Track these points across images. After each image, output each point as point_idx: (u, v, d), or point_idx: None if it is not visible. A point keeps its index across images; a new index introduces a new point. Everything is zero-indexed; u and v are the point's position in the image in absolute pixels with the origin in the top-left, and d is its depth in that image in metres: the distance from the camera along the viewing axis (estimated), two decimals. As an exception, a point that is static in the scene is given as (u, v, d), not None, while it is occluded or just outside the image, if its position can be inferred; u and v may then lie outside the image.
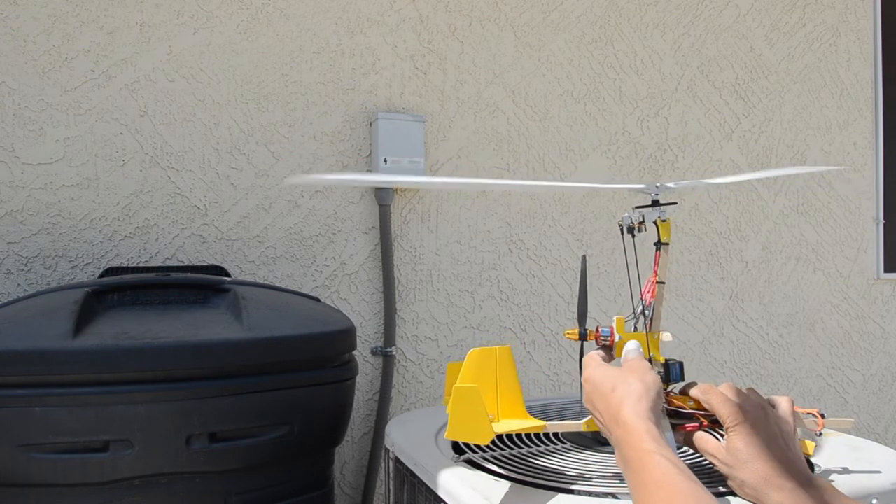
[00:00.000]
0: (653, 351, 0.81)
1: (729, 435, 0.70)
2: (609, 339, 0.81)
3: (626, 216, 0.84)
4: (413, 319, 1.77)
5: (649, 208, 0.82)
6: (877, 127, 2.45)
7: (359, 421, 1.71)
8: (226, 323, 1.09)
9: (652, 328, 0.81)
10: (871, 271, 2.44)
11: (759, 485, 0.66)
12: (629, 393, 0.68)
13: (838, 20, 2.40)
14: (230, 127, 1.60)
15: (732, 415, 0.70)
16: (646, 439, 0.62)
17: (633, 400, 0.67)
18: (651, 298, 0.81)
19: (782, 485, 0.65)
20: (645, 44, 2.08)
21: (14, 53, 1.43)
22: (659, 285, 0.82)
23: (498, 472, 0.79)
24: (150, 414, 0.96)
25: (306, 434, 1.09)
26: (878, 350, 2.45)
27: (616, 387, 0.70)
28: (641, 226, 0.83)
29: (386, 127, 1.66)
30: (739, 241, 2.22)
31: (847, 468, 0.81)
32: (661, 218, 0.82)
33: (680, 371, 0.81)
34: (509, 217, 1.88)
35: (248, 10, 1.61)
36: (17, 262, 1.42)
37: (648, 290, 0.82)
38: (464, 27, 1.84)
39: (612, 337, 0.81)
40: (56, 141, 1.46)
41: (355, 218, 1.71)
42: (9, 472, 0.94)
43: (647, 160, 2.07)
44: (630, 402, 0.67)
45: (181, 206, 1.55)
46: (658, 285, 0.82)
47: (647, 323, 0.81)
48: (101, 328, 1.02)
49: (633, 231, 0.83)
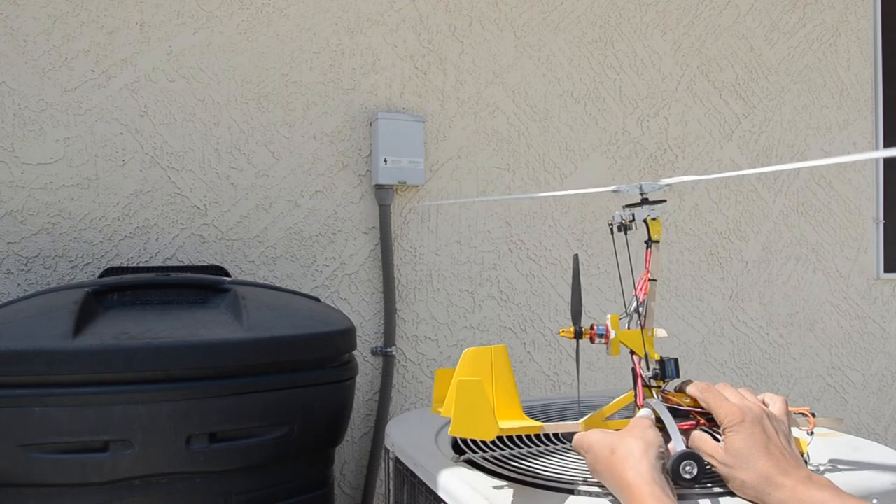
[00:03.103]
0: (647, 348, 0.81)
1: (727, 435, 0.69)
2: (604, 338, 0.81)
3: (616, 215, 0.84)
4: (413, 319, 1.77)
5: (639, 207, 0.83)
6: (877, 127, 2.45)
7: (359, 421, 1.71)
8: (226, 323, 1.09)
9: (646, 325, 0.82)
10: (871, 271, 2.44)
11: (760, 484, 0.66)
12: (629, 454, 0.66)
13: (838, 20, 2.40)
14: (230, 127, 1.60)
15: (731, 415, 0.70)
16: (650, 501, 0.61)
17: (634, 461, 0.65)
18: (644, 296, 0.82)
19: (783, 483, 0.65)
20: (645, 44, 2.08)
21: (14, 53, 1.43)
22: (651, 283, 0.82)
23: (498, 472, 0.79)
24: (150, 414, 0.96)
25: (306, 434, 1.09)
26: (878, 350, 2.45)
27: (615, 449, 0.68)
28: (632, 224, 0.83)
29: (386, 127, 1.66)
30: (739, 241, 2.22)
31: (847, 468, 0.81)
32: (650, 216, 0.82)
33: (675, 367, 0.81)
34: (509, 217, 1.88)
35: (248, 10, 1.61)
36: (17, 262, 1.42)
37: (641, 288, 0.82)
38: (464, 27, 1.84)
39: (607, 334, 0.81)
40: (56, 141, 1.46)
41: (355, 218, 1.71)
42: (9, 472, 0.94)
43: (647, 160, 2.07)
44: (631, 464, 0.65)
45: (181, 206, 1.55)
46: (650, 283, 0.82)
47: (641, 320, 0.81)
48: (101, 328, 1.02)
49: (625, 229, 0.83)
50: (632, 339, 0.81)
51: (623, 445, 0.68)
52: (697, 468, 0.68)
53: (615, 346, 0.81)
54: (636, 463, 0.65)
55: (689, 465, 0.68)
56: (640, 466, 0.65)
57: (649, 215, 0.82)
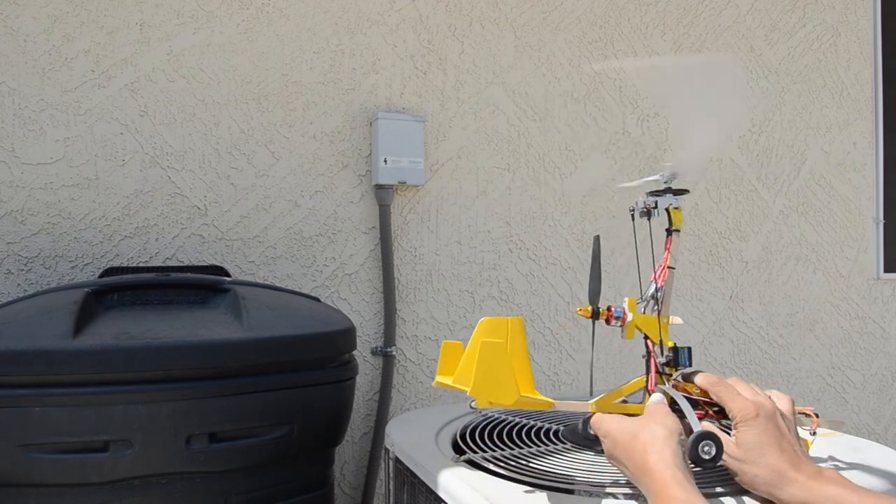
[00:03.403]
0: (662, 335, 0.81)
1: (741, 429, 0.69)
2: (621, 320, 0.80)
3: (639, 201, 0.84)
4: (413, 319, 1.77)
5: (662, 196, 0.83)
6: (877, 127, 2.45)
7: (359, 421, 1.71)
8: (226, 323, 1.09)
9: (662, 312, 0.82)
10: (871, 271, 2.44)
11: (773, 479, 0.66)
12: (652, 440, 0.66)
13: (838, 20, 2.40)
14: (230, 127, 1.59)
15: (745, 409, 0.69)
16: (674, 487, 0.61)
17: (657, 447, 0.65)
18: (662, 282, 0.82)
19: (795, 478, 0.65)
20: (645, 44, 2.08)
21: (14, 53, 1.43)
22: (669, 270, 0.82)
23: (498, 472, 0.79)
24: (150, 414, 0.96)
25: (306, 434, 1.09)
26: (878, 350, 2.45)
27: (637, 434, 0.68)
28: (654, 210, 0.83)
29: (386, 127, 1.66)
30: (739, 241, 2.22)
31: (847, 468, 0.81)
32: (672, 205, 0.83)
33: (689, 356, 0.81)
34: (509, 217, 1.88)
35: (248, 10, 1.61)
36: (17, 262, 1.42)
37: (660, 275, 0.82)
38: (464, 27, 1.84)
39: (624, 317, 0.80)
40: (56, 141, 1.46)
41: (355, 218, 1.71)
42: (9, 472, 0.94)
43: (647, 160, 2.07)
44: (655, 450, 0.65)
45: (181, 206, 1.55)
46: (668, 270, 0.82)
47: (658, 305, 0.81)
48: (101, 328, 1.02)
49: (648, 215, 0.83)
50: (648, 323, 0.81)
51: (645, 431, 0.67)
52: (716, 448, 0.67)
53: (630, 330, 0.80)
54: (659, 449, 0.65)
55: (708, 446, 0.67)
56: (663, 452, 0.64)
57: (672, 204, 0.82)
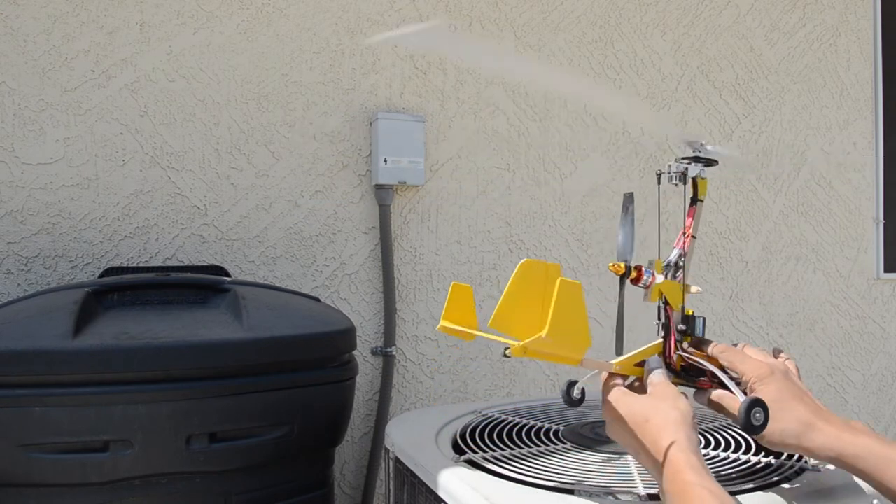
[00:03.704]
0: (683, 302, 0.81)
1: (758, 388, 0.69)
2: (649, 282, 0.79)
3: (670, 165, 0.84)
4: (413, 319, 1.77)
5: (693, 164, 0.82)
6: (877, 127, 2.45)
7: (359, 421, 1.71)
8: (226, 323, 1.09)
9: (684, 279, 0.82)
10: (871, 271, 2.44)
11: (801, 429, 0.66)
12: (666, 423, 0.65)
13: (838, 20, 2.40)
14: (230, 127, 1.59)
15: (758, 368, 0.70)
16: (687, 471, 0.60)
17: (671, 431, 0.64)
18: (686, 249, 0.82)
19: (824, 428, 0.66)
20: (645, 44, 2.08)
21: (14, 53, 1.43)
22: (692, 239, 0.82)
23: (498, 472, 0.79)
24: (150, 414, 0.96)
25: (306, 434, 1.09)
26: (878, 350, 2.45)
27: (649, 417, 0.67)
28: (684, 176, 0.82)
29: (386, 127, 1.66)
30: (739, 241, 2.22)
31: (847, 468, 0.81)
32: (700, 175, 0.83)
33: (703, 326, 0.82)
34: (509, 217, 1.88)
35: (248, 10, 1.61)
36: (17, 262, 1.42)
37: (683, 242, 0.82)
38: (464, 27, 1.84)
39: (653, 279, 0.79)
40: (56, 141, 1.46)
41: (355, 218, 1.71)
42: (9, 472, 0.94)
43: (647, 160, 2.07)
44: (669, 434, 0.64)
45: (181, 206, 1.55)
46: (691, 239, 0.82)
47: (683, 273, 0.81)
48: (101, 328, 1.02)
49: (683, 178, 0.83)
50: (671, 289, 0.80)
51: (658, 414, 0.67)
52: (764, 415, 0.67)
53: (655, 293, 0.79)
54: (674, 433, 0.64)
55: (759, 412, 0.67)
56: (677, 436, 0.64)
57: (699, 174, 0.83)
